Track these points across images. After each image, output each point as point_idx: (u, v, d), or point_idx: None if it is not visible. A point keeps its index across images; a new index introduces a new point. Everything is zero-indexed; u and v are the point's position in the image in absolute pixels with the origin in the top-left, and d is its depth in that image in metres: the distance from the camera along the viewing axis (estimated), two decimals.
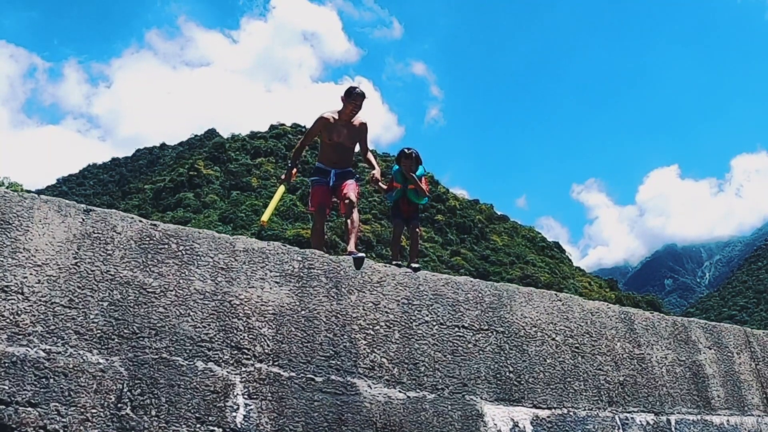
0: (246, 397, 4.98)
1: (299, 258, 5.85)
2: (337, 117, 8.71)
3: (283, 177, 8.71)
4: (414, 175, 8.53)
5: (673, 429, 7.34)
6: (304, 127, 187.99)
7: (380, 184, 8.54)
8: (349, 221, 7.98)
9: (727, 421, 7.95)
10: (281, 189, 8.30)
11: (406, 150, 8.63)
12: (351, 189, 8.32)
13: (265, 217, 7.85)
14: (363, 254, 6.39)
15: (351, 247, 7.26)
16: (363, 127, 8.95)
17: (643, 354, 7.64)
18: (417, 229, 8.44)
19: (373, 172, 8.48)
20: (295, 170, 8.75)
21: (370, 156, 9.04)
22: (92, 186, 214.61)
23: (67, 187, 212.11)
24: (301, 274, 5.76)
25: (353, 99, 8.76)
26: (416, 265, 7.29)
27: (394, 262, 7.38)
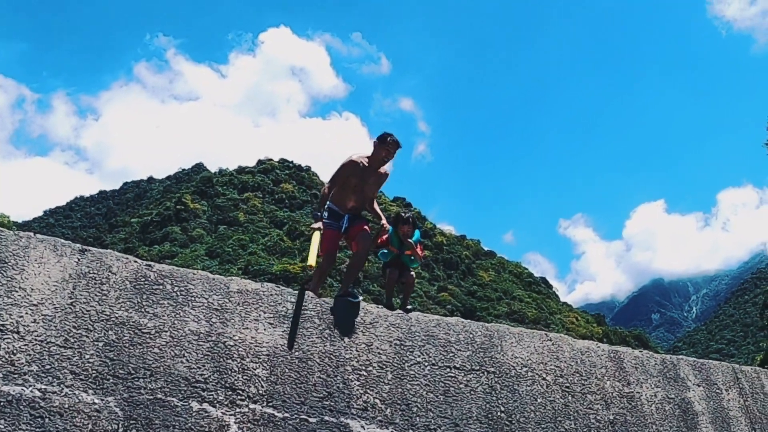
0: None
1: (293, 300, 5.88)
2: (366, 163, 8.07)
3: (314, 225, 7.75)
4: (411, 240, 8.27)
5: None
6: (292, 162, 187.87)
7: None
8: (351, 264, 7.78)
9: None
10: (317, 235, 7.91)
11: (403, 214, 8.10)
12: (365, 237, 7.76)
13: (311, 261, 7.59)
14: (361, 298, 6.43)
15: (347, 288, 6.94)
16: (385, 177, 8.36)
17: (632, 392, 7.66)
18: (411, 274, 8.13)
19: (383, 222, 8.12)
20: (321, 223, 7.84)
21: (376, 206, 8.46)
22: (79, 218, 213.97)
23: (54, 219, 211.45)
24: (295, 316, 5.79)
25: (387, 146, 8.13)
26: (409, 307, 7.27)
27: (387, 304, 7.35)
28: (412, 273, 7.63)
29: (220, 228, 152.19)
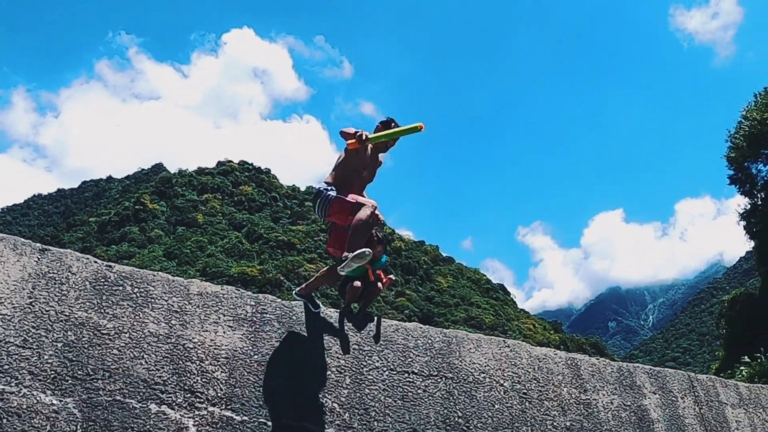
0: None
1: (252, 303, 5.89)
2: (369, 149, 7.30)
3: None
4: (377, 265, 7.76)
5: None
6: (252, 164, 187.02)
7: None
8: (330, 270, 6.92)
9: None
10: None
11: (378, 234, 7.49)
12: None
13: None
14: (322, 309, 6.46)
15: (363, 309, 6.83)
16: (380, 164, 7.55)
17: (589, 399, 7.73)
18: (378, 285, 7.55)
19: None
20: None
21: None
22: (37, 217, 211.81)
23: (11, 217, 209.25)
24: (254, 319, 5.80)
25: None
26: (369, 311, 7.18)
27: (345, 308, 7.23)
28: (380, 285, 7.30)
29: (178, 229, 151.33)
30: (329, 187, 6.84)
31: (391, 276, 7.47)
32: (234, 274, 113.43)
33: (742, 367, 28.77)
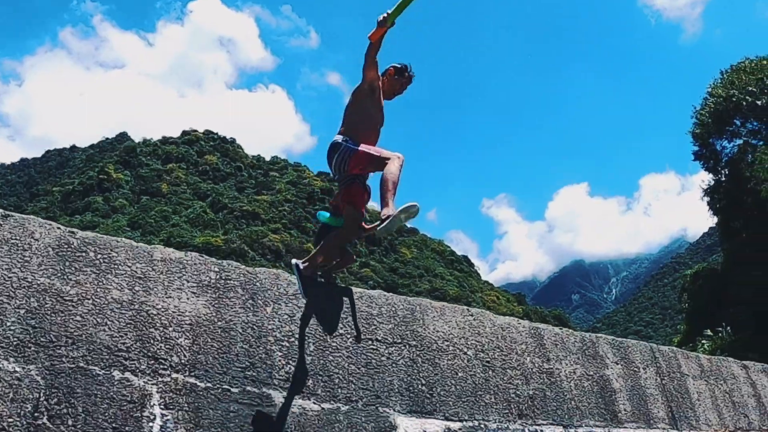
0: (162, 407, 4.96)
1: (216, 269, 5.86)
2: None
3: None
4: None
5: None
6: (217, 134, 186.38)
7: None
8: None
9: None
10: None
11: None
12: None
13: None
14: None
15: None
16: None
17: (552, 368, 7.79)
18: (352, 255, 7.38)
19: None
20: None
21: None
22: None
23: None
24: (218, 285, 5.77)
25: (407, 81, 7.11)
26: (332, 280, 7.12)
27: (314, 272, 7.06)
28: (353, 255, 7.07)
29: (142, 199, 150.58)
30: (347, 139, 6.54)
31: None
32: (198, 244, 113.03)
33: (703, 341, 29.12)
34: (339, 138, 6.59)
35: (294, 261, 6.49)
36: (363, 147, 6.44)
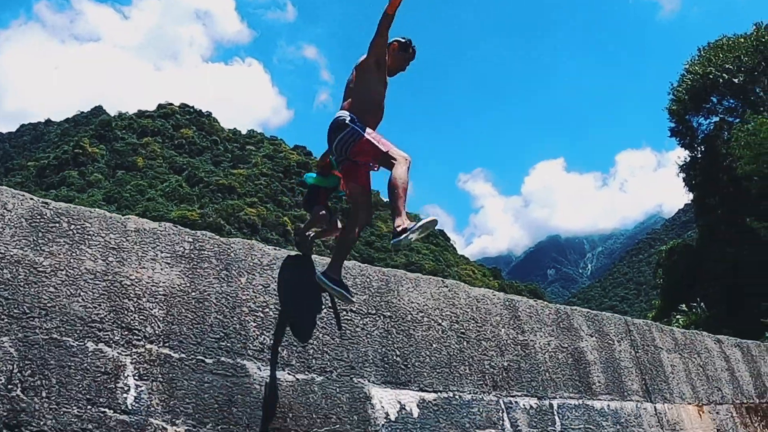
0: (137, 378, 4.95)
1: (190, 239, 5.83)
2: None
3: None
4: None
5: (555, 413, 7.56)
6: (193, 107, 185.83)
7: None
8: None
9: (608, 405, 8.21)
10: None
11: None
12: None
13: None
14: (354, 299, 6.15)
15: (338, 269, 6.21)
16: None
17: (526, 340, 7.83)
18: (339, 225, 7.01)
19: None
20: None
21: None
22: None
23: None
24: (192, 256, 5.75)
25: (411, 56, 6.85)
26: (309, 251, 6.95)
27: (297, 243, 6.93)
28: (340, 224, 6.77)
29: (118, 173, 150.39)
30: (354, 118, 6.18)
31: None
32: (174, 218, 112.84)
33: (678, 316, 29.36)
34: (345, 115, 6.24)
35: (318, 273, 6.16)
36: (369, 136, 6.11)
